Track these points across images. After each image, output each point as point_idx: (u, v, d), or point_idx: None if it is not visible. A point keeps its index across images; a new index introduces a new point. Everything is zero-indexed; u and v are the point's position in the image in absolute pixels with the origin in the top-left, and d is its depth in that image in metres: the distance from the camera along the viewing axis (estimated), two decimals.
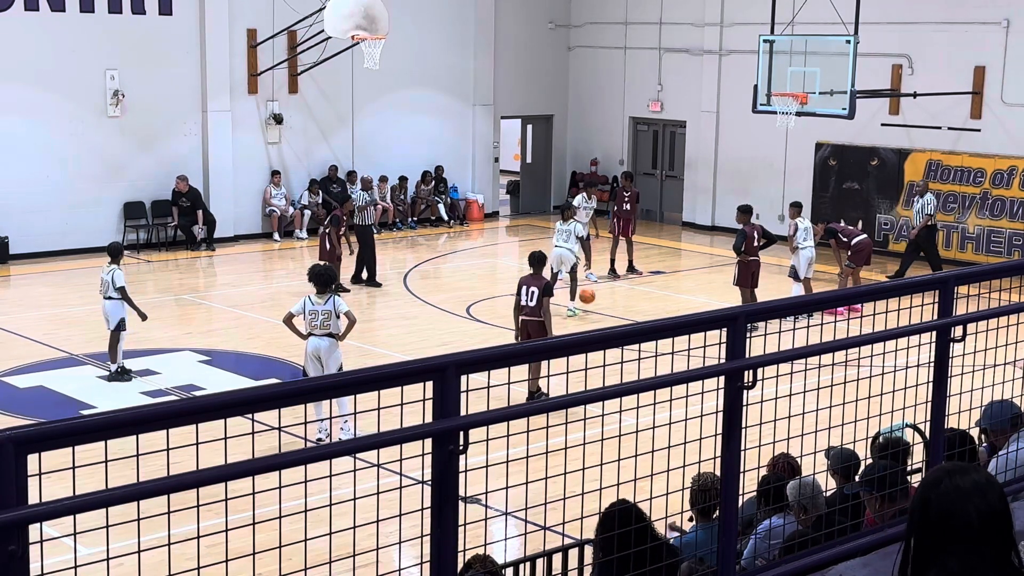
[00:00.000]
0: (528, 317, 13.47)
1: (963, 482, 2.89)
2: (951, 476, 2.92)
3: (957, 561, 2.84)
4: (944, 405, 5.58)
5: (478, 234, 26.57)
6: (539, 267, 13.89)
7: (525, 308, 13.50)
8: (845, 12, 19.10)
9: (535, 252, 14.15)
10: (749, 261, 17.33)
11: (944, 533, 2.86)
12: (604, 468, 4.67)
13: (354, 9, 20.25)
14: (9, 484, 3.14)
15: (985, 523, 2.85)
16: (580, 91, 28.82)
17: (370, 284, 19.99)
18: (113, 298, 14.25)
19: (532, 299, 13.47)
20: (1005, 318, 6.02)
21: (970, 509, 2.85)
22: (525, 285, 13.58)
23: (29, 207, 21.57)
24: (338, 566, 3.98)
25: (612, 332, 4.74)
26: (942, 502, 2.88)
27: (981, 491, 2.86)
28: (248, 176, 24.15)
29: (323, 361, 12.03)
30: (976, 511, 2.84)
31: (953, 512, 2.87)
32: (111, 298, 14.27)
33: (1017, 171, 21.62)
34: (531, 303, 13.47)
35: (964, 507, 2.86)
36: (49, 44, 21.57)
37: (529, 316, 13.47)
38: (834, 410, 5.34)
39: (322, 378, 7.45)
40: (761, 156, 25.05)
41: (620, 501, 5.28)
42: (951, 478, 2.91)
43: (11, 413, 12.96)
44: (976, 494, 2.86)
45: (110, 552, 3.45)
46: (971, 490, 2.86)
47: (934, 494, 2.91)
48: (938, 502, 2.89)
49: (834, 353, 5.28)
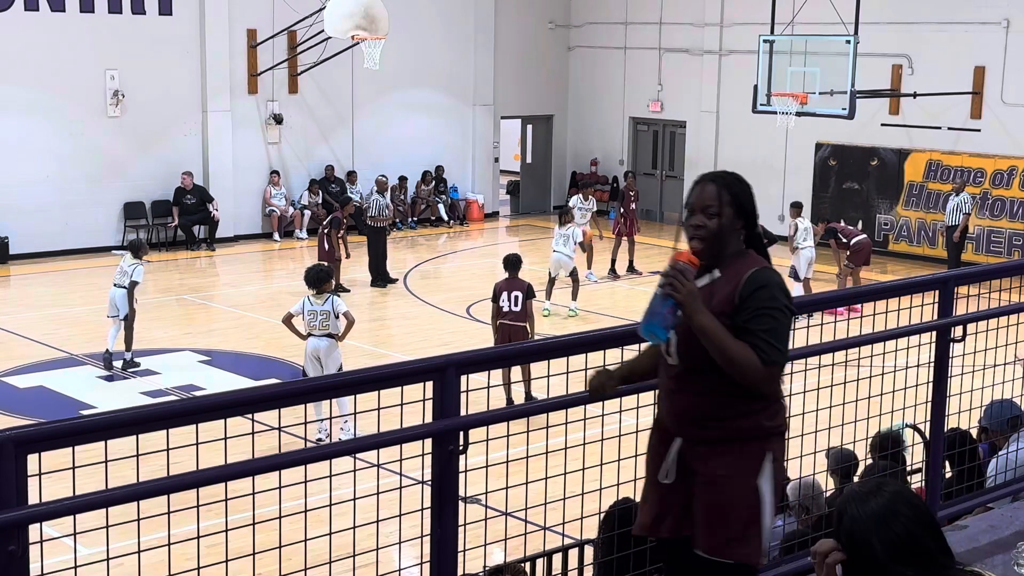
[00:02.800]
0: (513, 322, 13.04)
1: (863, 510, 2.75)
2: (854, 503, 2.79)
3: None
4: (944, 405, 5.58)
5: (478, 234, 26.56)
6: (515, 270, 13.46)
7: (509, 314, 13.07)
8: (845, 12, 19.10)
9: (510, 255, 13.70)
10: None
11: (864, 560, 2.73)
12: (604, 468, 4.67)
13: (354, 9, 20.24)
14: (9, 484, 3.14)
15: (895, 552, 2.69)
16: (580, 91, 28.81)
17: (380, 283, 19.96)
18: (125, 287, 14.44)
19: (516, 304, 13.08)
20: (1005, 318, 6.02)
21: (873, 541, 2.72)
22: (505, 291, 13.16)
23: (29, 207, 21.56)
24: (338, 566, 3.98)
25: (612, 332, 4.74)
26: (848, 531, 2.77)
27: (883, 520, 2.72)
28: (248, 176, 24.15)
29: (322, 362, 12.03)
30: (880, 542, 2.71)
31: (859, 543, 2.74)
32: (123, 287, 14.46)
33: (1017, 171, 21.62)
34: (515, 308, 13.06)
35: (867, 538, 2.73)
36: (49, 44, 21.56)
37: (514, 321, 13.04)
38: (834, 410, 5.34)
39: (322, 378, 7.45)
40: (761, 156, 25.04)
41: (622, 500, 5.27)
42: (854, 505, 2.78)
43: (11, 413, 12.96)
44: (878, 524, 2.73)
45: (110, 552, 3.46)
46: (871, 519, 2.73)
47: (843, 523, 2.79)
48: (845, 532, 2.77)
49: (834, 353, 5.28)
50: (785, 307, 3.81)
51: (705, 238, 3.86)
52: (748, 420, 3.86)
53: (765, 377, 3.77)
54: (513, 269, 13.46)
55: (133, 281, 14.50)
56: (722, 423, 3.86)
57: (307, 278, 12.34)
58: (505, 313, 13.13)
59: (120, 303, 14.59)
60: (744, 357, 3.73)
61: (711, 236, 3.86)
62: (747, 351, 3.73)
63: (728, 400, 3.84)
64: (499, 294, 13.22)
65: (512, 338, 12.86)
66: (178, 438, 3.71)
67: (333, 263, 17.82)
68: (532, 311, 13.36)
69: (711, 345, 3.73)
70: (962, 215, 20.74)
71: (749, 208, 3.91)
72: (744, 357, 3.73)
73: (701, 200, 3.90)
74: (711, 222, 3.85)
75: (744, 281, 3.80)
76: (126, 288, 14.53)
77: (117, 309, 14.62)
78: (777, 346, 3.76)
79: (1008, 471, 6.20)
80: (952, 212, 20.94)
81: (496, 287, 13.37)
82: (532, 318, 13.32)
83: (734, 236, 3.89)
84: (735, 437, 3.86)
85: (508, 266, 13.51)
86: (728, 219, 3.85)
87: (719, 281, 3.87)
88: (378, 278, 20.05)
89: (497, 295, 13.25)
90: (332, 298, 12.21)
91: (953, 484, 6.06)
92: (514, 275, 13.40)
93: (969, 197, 21.02)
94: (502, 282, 13.36)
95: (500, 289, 13.26)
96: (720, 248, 3.87)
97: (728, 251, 3.88)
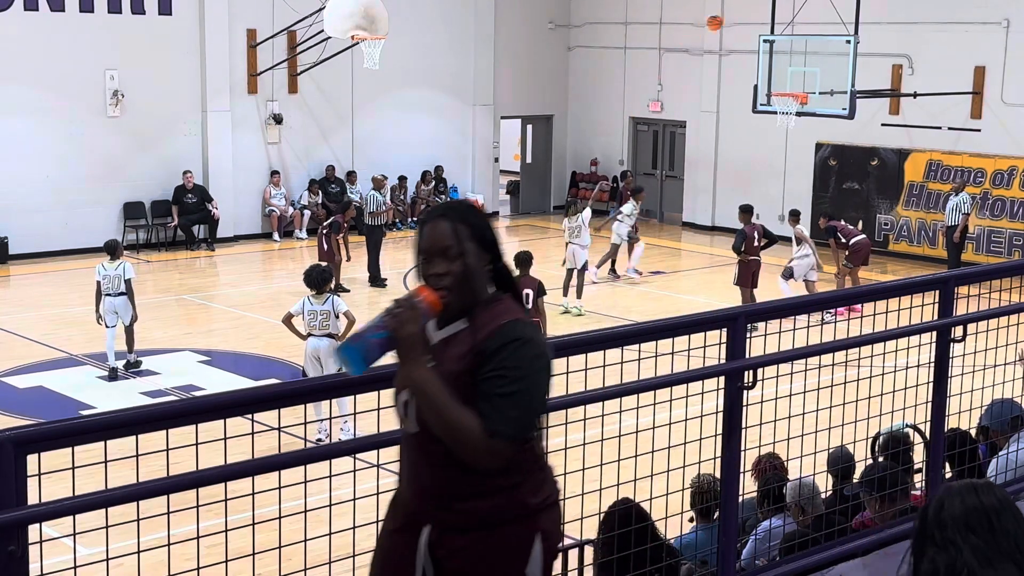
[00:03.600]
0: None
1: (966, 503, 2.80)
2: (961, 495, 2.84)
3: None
4: (944, 405, 5.58)
5: None
6: (526, 268, 13.58)
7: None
8: (845, 12, 19.10)
9: (521, 253, 13.79)
10: (749, 261, 17.33)
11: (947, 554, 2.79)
12: (604, 468, 4.67)
13: (354, 9, 20.24)
14: (9, 484, 3.14)
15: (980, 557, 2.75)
16: (580, 91, 28.80)
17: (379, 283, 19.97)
18: (124, 293, 14.33)
19: (528, 302, 13.19)
20: (1005, 318, 6.02)
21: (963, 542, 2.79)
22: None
23: (29, 207, 21.56)
24: (338, 566, 3.97)
25: (612, 332, 4.74)
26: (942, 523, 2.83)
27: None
28: (248, 176, 24.14)
29: (323, 361, 12.03)
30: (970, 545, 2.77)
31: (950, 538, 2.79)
32: (122, 294, 14.35)
33: (1017, 171, 21.61)
34: (527, 306, 13.24)
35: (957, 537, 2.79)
36: (49, 44, 21.55)
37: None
38: (834, 410, 5.34)
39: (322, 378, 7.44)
40: (761, 156, 25.04)
41: (622, 500, 5.27)
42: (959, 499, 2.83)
43: (11, 413, 12.96)
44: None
45: (110, 552, 3.45)
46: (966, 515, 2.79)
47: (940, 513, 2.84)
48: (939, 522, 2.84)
49: (834, 353, 5.28)
50: (536, 370, 3.23)
51: (452, 286, 3.26)
52: (505, 498, 3.26)
53: (486, 451, 3.12)
54: (524, 266, 13.61)
55: (127, 280, 14.37)
56: (473, 503, 3.25)
57: (308, 279, 12.34)
58: None
59: (122, 309, 14.41)
60: (462, 424, 3.12)
61: (459, 281, 3.27)
62: (469, 418, 3.12)
63: (477, 475, 3.20)
64: None
65: None
66: (178, 438, 3.71)
67: (333, 264, 17.83)
68: (544, 309, 13.44)
69: (425, 405, 3.17)
70: (961, 215, 20.73)
71: (491, 239, 3.36)
72: (462, 424, 3.12)
73: (436, 242, 3.29)
74: (454, 265, 3.27)
75: (491, 334, 3.22)
76: (124, 293, 14.43)
77: (119, 317, 14.47)
78: (510, 414, 3.14)
79: (1008, 471, 6.20)
80: (951, 212, 20.93)
81: None
82: (544, 315, 13.43)
83: (483, 276, 3.34)
84: (493, 521, 3.26)
85: (519, 263, 13.63)
86: (473, 257, 3.29)
87: (464, 333, 3.29)
88: (373, 278, 20.03)
89: None
90: (332, 298, 12.22)
91: None
92: (525, 272, 13.54)
93: (968, 197, 21.01)
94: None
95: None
96: (472, 293, 3.30)
97: (480, 295, 3.32)
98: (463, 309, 3.30)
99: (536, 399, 3.23)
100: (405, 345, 3.16)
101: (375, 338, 3.18)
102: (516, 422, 3.15)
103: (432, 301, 3.23)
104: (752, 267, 17.33)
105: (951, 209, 20.94)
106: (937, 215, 22.25)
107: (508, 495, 3.25)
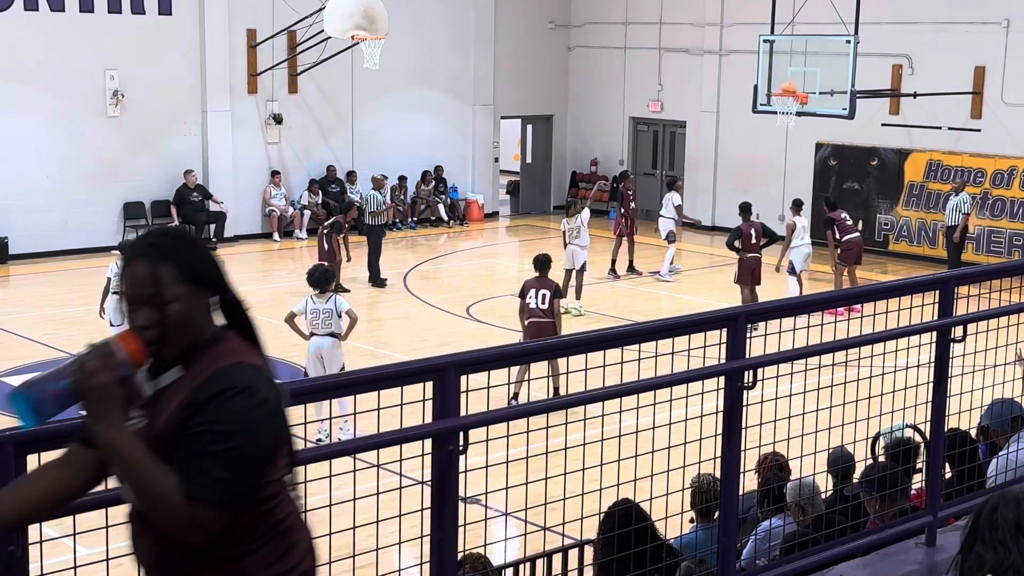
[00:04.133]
0: (541, 319, 13.41)
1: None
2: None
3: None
4: (944, 405, 5.57)
5: (478, 234, 26.56)
6: (544, 270, 13.80)
7: (537, 311, 13.42)
8: (845, 12, 19.10)
9: (540, 255, 14.03)
10: (748, 258, 17.33)
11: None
12: (604, 468, 4.67)
13: (354, 9, 20.24)
14: None
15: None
16: (580, 91, 28.80)
17: (378, 283, 19.97)
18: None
19: (544, 302, 13.42)
20: (1005, 318, 6.02)
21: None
22: (533, 288, 13.52)
23: (29, 207, 21.56)
24: (338, 566, 3.97)
25: (612, 332, 4.74)
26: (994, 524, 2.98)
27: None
28: (248, 176, 24.14)
29: (325, 361, 12.05)
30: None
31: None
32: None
33: (1017, 171, 21.61)
34: (543, 306, 13.42)
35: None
36: (49, 44, 21.55)
37: (542, 319, 13.41)
38: (834, 410, 5.34)
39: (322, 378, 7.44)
40: (761, 156, 25.04)
41: (622, 500, 5.27)
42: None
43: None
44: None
45: (110, 552, 3.45)
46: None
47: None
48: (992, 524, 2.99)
49: (834, 353, 5.28)
50: (252, 423, 2.74)
51: (162, 337, 2.81)
52: (231, 570, 2.83)
53: (185, 520, 2.67)
54: (543, 269, 13.80)
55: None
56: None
57: (311, 278, 12.40)
58: (532, 310, 13.47)
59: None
60: (156, 487, 2.66)
61: (171, 330, 2.81)
62: (165, 478, 2.67)
63: (201, 545, 2.76)
64: (527, 291, 13.57)
65: (540, 334, 13.15)
66: None
67: (334, 264, 17.83)
68: (559, 310, 13.65)
69: (118, 469, 2.73)
70: (961, 215, 20.71)
71: (209, 272, 2.93)
72: (156, 487, 2.66)
73: (137, 290, 2.82)
74: (161, 314, 2.80)
75: (203, 382, 2.77)
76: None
77: (124, 317, 14.47)
78: (216, 476, 2.68)
79: (1008, 471, 6.19)
80: (951, 212, 20.91)
81: (525, 284, 13.72)
82: (559, 317, 13.61)
83: (203, 315, 2.90)
84: None
85: (538, 266, 13.83)
86: (187, 301, 2.83)
87: (182, 381, 2.82)
88: (373, 277, 20.04)
89: (525, 292, 13.59)
90: (334, 297, 12.29)
91: (953, 484, 6.06)
92: (543, 274, 13.74)
93: (968, 197, 20.99)
94: (532, 280, 13.70)
95: (529, 286, 13.60)
96: (191, 337, 2.85)
97: (202, 335, 2.87)
98: (180, 355, 2.84)
99: (250, 458, 2.74)
100: (92, 399, 2.70)
101: (54, 387, 2.72)
102: (222, 485, 2.69)
103: (134, 351, 2.77)
104: (751, 264, 17.34)
105: (951, 209, 20.93)
106: (937, 215, 22.25)
107: (234, 566, 2.82)
